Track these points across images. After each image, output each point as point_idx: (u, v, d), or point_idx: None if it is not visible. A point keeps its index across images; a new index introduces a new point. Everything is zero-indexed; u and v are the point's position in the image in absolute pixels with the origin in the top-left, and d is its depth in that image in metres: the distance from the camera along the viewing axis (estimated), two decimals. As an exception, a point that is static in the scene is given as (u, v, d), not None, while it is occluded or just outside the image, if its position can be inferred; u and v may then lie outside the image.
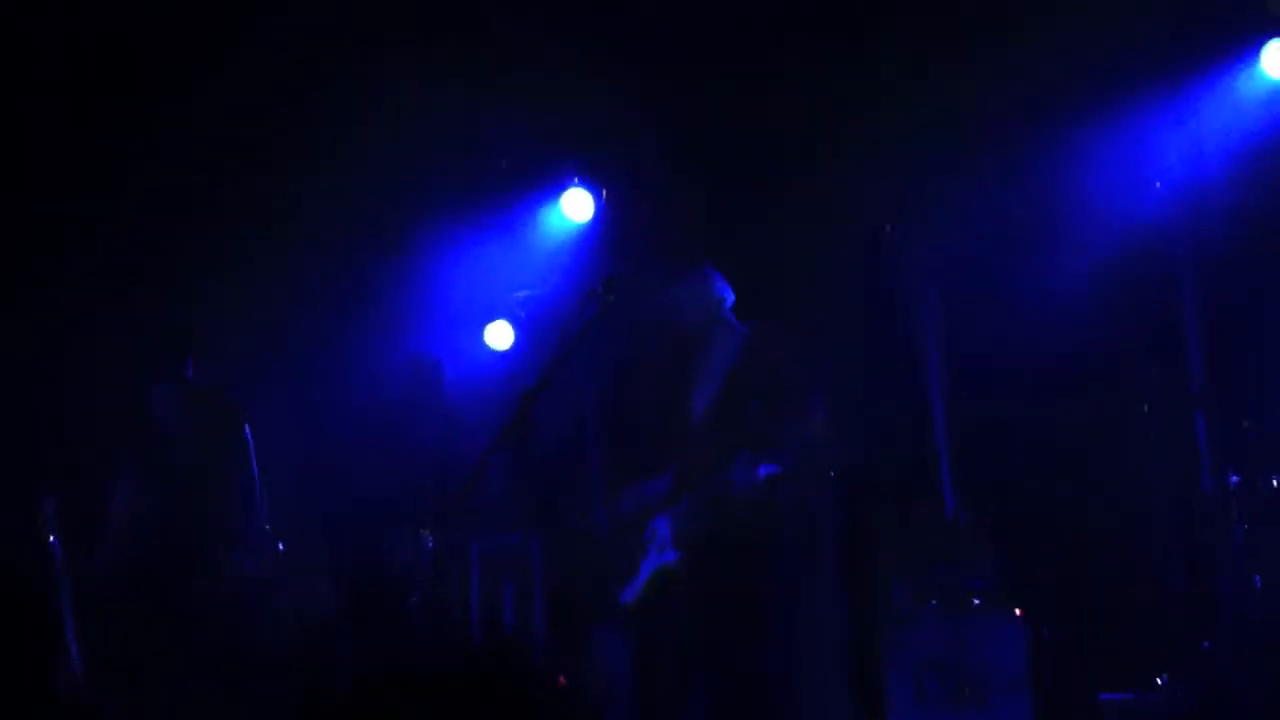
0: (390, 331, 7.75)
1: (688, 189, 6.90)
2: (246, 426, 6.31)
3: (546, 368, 4.68)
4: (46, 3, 6.26)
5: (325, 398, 7.63)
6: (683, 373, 5.05)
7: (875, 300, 7.11)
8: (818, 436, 4.67)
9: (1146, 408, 6.39)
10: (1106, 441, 6.54)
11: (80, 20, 6.32)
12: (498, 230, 7.64)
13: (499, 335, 7.76)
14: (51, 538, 5.73)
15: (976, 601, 6.18)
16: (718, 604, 4.74)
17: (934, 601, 6.29)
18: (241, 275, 7.19)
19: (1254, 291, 6.45)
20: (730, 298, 5.09)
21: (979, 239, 6.92)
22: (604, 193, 7.30)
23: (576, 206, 7.35)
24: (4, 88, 6.35)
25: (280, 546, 6.55)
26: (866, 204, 6.97)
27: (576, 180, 7.31)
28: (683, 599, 4.78)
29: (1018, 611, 5.98)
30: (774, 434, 4.59)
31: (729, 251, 5.37)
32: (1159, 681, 5.66)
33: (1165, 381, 6.46)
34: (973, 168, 6.79)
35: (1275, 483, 5.71)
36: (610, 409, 7.28)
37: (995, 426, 6.90)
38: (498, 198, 7.57)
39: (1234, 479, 5.75)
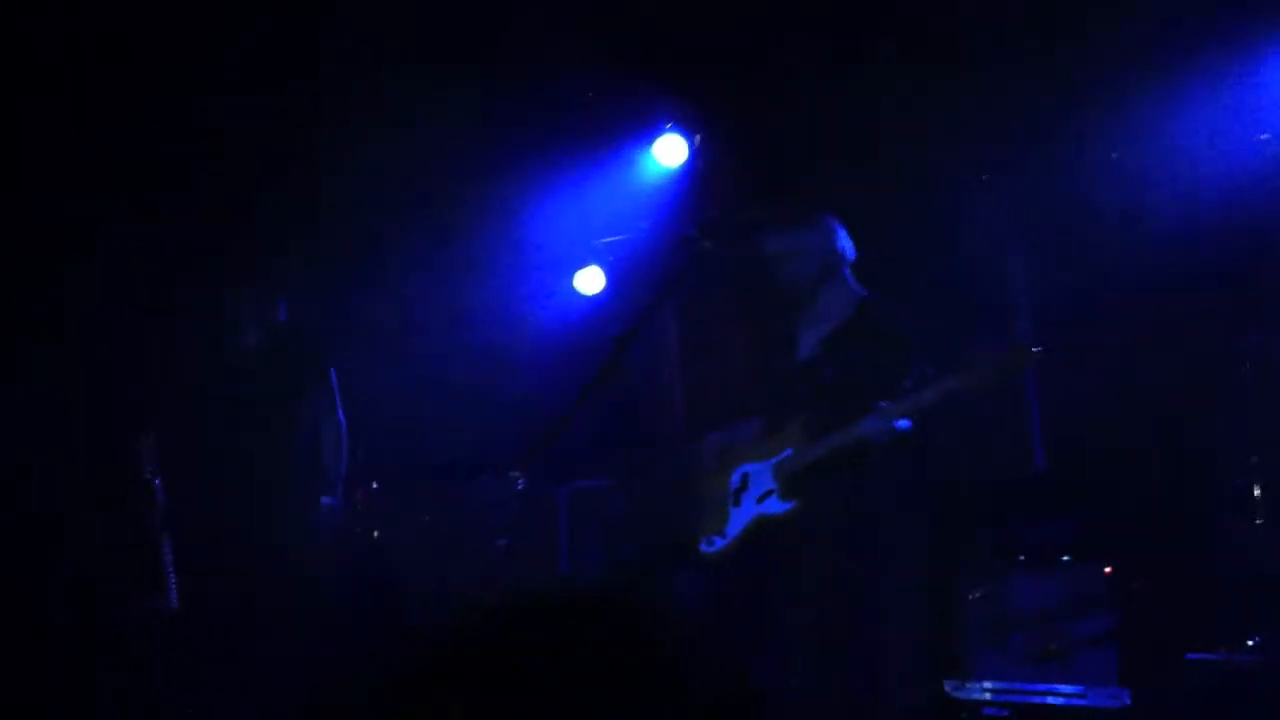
0: (481, 277, 7.78)
1: (782, 137, 6.85)
2: (332, 371, 6.38)
3: (639, 313, 4.67)
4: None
5: (414, 344, 7.69)
6: (785, 322, 5.01)
7: (964, 258, 7.04)
8: (945, 396, 4.62)
9: (1246, 367, 6.27)
10: (1201, 400, 6.44)
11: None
12: (589, 175, 7.61)
13: (590, 281, 7.75)
14: (150, 475, 5.85)
15: (1065, 559, 6.14)
16: (819, 551, 4.72)
17: (1021, 557, 6.26)
18: (333, 225, 7.26)
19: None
20: (851, 253, 5.03)
21: (1075, 197, 6.82)
22: (697, 138, 7.25)
23: (669, 151, 7.31)
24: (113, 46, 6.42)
25: (374, 485, 6.61)
26: (960, 159, 6.89)
27: (670, 125, 7.26)
28: (778, 549, 4.76)
29: (1107, 570, 5.93)
30: (911, 391, 4.56)
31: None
32: (1250, 642, 5.58)
33: (1264, 342, 6.32)
34: (1072, 122, 6.68)
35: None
36: (699, 353, 7.26)
37: (1086, 382, 6.82)
38: (589, 142, 7.54)
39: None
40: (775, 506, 4.78)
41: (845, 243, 5.03)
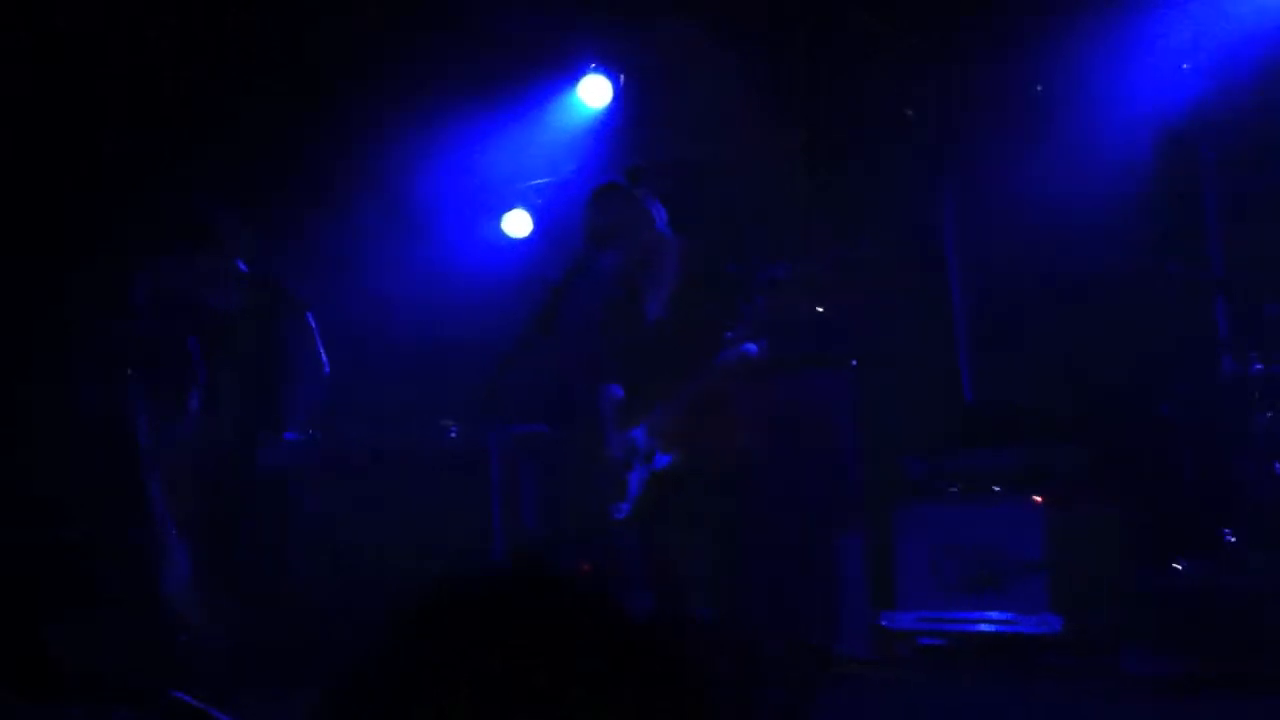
0: (407, 224, 7.70)
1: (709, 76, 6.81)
2: (309, 315, 6.31)
3: (573, 260, 4.63)
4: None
5: (349, 294, 7.60)
6: (634, 286, 4.98)
7: (895, 189, 7.05)
8: (784, 305, 4.60)
9: (1168, 292, 6.34)
10: (1127, 328, 6.51)
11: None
12: (513, 117, 7.53)
13: (517, 224, 7.70)
14: (138, 421, 5.76)
15: (996, 488, 6.21)
16: (726, 492, 4.72)
17: (953, 489, 6.34)
18: (254, 171, 7.14)
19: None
20: (661, 211, 4.97)
21: (997, 127, 6.85)
22: (621, 79, 7.19)
23: (594, 93, 7.25)
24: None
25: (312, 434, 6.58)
26: (886, 94, 6.89)
27: (594, 66, 7.20)
28: (686, 496, 4.74)
29: (1037, 499, 6.01)
30: (745, 315, 4.54)
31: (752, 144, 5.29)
32: (1176, 566, 5.68)
33: (1187, 267, 6.40)
34: (994, 55, 6.69)
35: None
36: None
37: (1014, 312, 6.89)
38: (513, 85, 7.46)
39: (1257, 366, 5.72)
40: (661, 461, 4.76)
41: (650, 201, 4.96)
